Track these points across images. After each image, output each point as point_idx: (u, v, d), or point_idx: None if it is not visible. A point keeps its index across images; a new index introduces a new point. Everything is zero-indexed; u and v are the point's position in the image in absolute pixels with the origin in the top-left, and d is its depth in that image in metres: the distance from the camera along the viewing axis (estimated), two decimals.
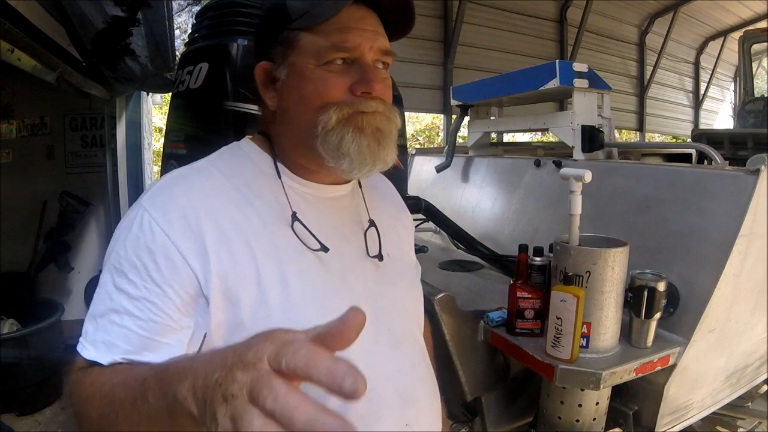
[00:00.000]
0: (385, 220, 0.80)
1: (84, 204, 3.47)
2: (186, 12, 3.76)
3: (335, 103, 0.65)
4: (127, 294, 0.59)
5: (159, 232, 0.60)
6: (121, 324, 0.58)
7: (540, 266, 1.25)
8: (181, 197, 0.63)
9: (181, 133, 1.50)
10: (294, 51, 0.66)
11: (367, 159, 0.66)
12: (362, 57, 0.66)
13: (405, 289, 0.80)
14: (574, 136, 1.71)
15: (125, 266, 0.60)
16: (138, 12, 2.17)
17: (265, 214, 0.66)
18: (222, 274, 0.60)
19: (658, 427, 1.25)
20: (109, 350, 0.57)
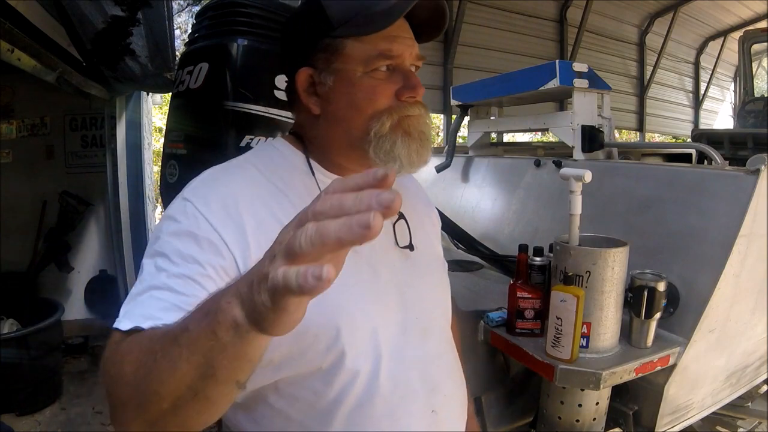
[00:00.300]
0: (414, 214, 0.83)
1: (84, 204, 3.48)
2: (186, 12, 3.77)
3: (385, 110, 0.69)
4: (168, 272, 0.59)
5: (202, 219, 0.63)
6: (160, 298, 0.57)
7: (540, 266, 1.25)
8: (222, 188, 0.67)
9: (181, 133, 1.50)
10: (339, 58, 0.68)
11: (415, 161, 0.71)
12: (403, 63, 0.70)
13: (433, 281, 0.83)
14: (574, 136, 1.71)
15: (168, 250, 0.61)
16: (138, 12, 2.17)
17: (300, 204, 0.65)
18: None
19: (658, 427, 1.25)
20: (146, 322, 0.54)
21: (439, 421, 0.73)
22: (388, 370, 0.69)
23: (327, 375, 0.66)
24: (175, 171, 1.49)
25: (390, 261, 0.75)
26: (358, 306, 0.68)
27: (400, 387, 0.69)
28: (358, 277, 0.70)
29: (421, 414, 0.71)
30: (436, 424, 0.73)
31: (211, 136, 1.41)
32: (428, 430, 0.71)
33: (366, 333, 0.68)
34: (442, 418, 0.74)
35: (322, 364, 0.65)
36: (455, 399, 0.79)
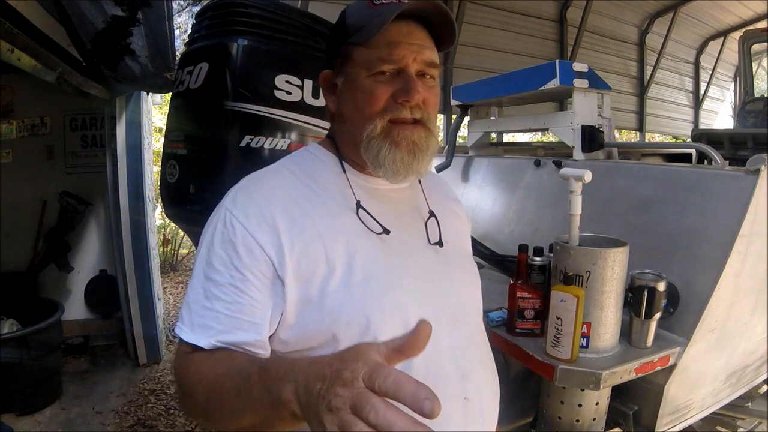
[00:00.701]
0: (443, 211, 0.86)
1: (84, 204, 3.48)
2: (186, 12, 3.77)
3: (380, 112, 0.73)
4: (215, 282, 0.69)
5: (239, 226, 0.70)
6: (211, 308, 0.68)
7: (540, 266, 1.25)
8: (258, 195, 0.74)
9: (181, 133, 1.50)
10: (350, 63, 0.76)
11: (401, 171, 0.75)
12: (407, 68, 0.74)
13: (464, 275, 0.86)
14: (574, 136, 1.71)
15: (213, 258, 0.70)
16: (138, 12, 2.17)
17: (332, 204, 0.76)
18: (295, 258, 0.69)
19: (658, 427, 1.25)
20: (204, 332, 0.67)
21: (471, 408, 0.75)
22: (419, 358, 0.69)
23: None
24: (175, 171, 1.49)
25: (421, 256, 0.79)
26: (388, 296, 0.72)
27: (431, 374, 0.71)
28: (389, 269, 0.74)
29: (453, 400, 0.73)
30: (469, 411, 0.75)
31: (211, 136, 1.41)
32: (461, 417, 0.74)
33: (397, 322, 0.71)
34: (474, 405, 0.76)
35: None
36: (487, 387, 0.81)
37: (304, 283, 0.69)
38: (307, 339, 0.70)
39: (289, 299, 0.69)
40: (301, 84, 1.43)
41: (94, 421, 2.65)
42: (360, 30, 0.74)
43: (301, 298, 0.69)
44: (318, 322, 0.69)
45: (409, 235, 0.80)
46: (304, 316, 0.69)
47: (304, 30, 1.47)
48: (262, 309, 0.69)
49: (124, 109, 3.20)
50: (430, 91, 0.77)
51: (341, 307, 0.69)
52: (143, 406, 2.83)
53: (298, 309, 0.69)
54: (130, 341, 3.37)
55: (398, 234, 0.77)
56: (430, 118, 0.77)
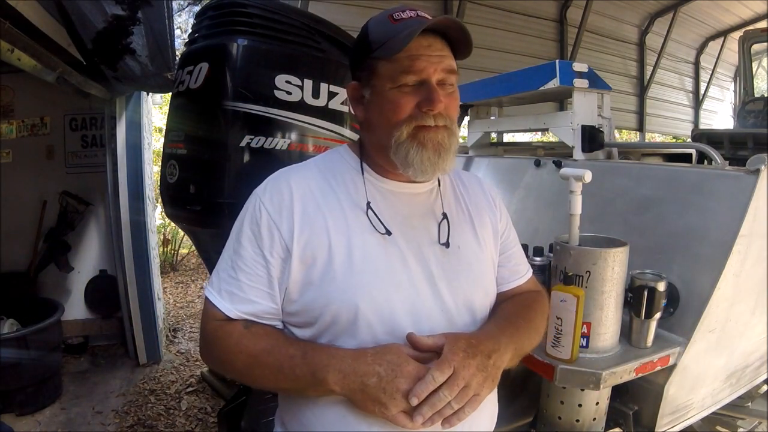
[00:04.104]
0: (463, 215, 0.93)
1: (84, 204, 3.47)
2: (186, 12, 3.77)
3: (405, 120, 0.80)
4: (241, 256, 0.82)
5: (264, 211, 0.82)
6: (236, 278, 0.82)
7: (540, 266, 1.25)
8: (282, 185, 0.85)
9: (181, 133, 1.50)
10: (375, 76, 0.82)
11: (428, 169, 0.81)
12: (429, 79, 0.80)
13: (470, 278, 0.87)
14: (574, 136, 1.71)
15: (242, 237, 0.83)
16: (138, 11, 2.17)
17: (344, 199, 0.85)
18: (302, 242, 0.80)
19: (658, 427, 1.25)
20: (230, 298, 0.82)
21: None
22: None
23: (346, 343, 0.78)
24: (175, 171, 1.49)
25: (426, 255, 0.84)
26: (379, 289, 0.79)
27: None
28: (386, 266, 0.81)
29: None
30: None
31: (211, 136, 1.41)
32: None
33: (385, 314, 0.78)
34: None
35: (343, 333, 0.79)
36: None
37: (306, 267, 0.80)
38: (306, 314, 0.81)
39: (293, 278, 0.80)
40: (301, 84, 1.44)
41: (94, 421, 2.65)
42: (383, 45, 0.80)
43: (302, 279, 0.80)
44: (315, 301, 0.80)
45: (414, 235, 0.85)
46: (305, 296, 0.80)
47: (304, 30, 1.47)
48: (276, 282, 0.81)
49: (124, 109, 3.19)
50: (451, 97, 0.82)
51: (335, 292, 0.79)
52: (143, 406, 2.82)
53: (301, 288, 0.81)
54: (130, 341, 3.37)
55: (403, 233, 0.84)
56: (452, 122, 0.83)
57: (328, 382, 0.73)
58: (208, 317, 0.84)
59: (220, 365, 0.86)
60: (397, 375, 0.71)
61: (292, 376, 0.75)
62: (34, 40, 1.83)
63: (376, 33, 0.83)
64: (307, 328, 0.82)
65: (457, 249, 0.87)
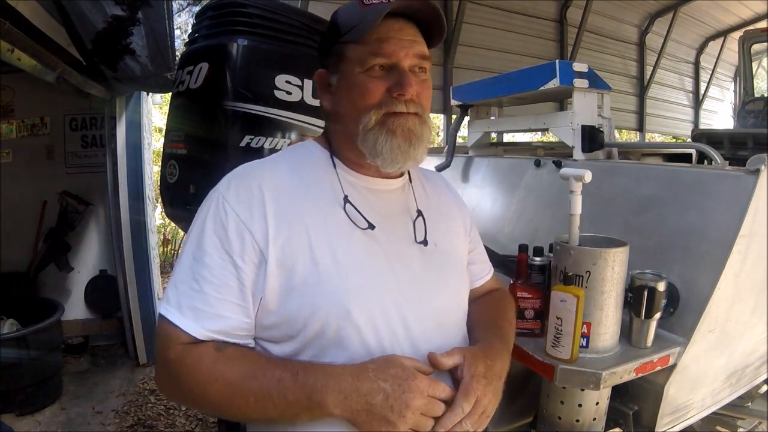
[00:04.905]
0: (435, 212, 0.88)
1: (84, 204, 3.47)
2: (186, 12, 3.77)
3: (374, 105, 0.75)
4: (204, 264, 0.71)
5: (231, 211, 0.73)
6: (200, 290, 0.70)
7: (540, 266, 1.25)
8: (251, 183, 0.76)
9: (181, 133, 1.50)
10: (343, 61, 0.78)
11: (399, 158, 0.76)
12: (399, 63, 0.76)
13: (449, 277, 0.86)
14: (574, 136, 1.70)
15: (204, 241, 0.72)
16: (138, 11, 2.17)
17: (320, 197, 0.78)
18: (279, 245, 0.72)
19: (658, 427, 1.25)
20: (194, 315, 0.70)
21: None
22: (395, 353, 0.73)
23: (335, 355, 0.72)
24: (175, 171, 1.49)
25: (406, 255, 0.80)
26: (369, 291, 0.74)
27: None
28: (372, 265, 0.76)
29: None
30: None
31: (211, 136, 1.41)
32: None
33: (377, 317, 0.73)
34: None
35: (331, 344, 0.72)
36: None
37: (286, 272, 0.71)
38: (288, 326, 0.72)
39: (270, 286, 0.71)
40: (301, 84, 1.44)
41: (94, 421, 2.65)
42: (352, 29, 0.76)
43: (282, 286, 0.71)
44: (298, 310, 0.71)
45: (395, 233, 0.81)
46: (286, 304, 0.72)
47: (304, 30, 1.47)
48: (250, 292, 0.72)
49: (124, 109, 3.20)
50: (423, 84, 0.78)
51: (322, 297, 0.71)
52: (143, 406, 2.82)
53: (280, 296, 0.72)
54: (130, 341, 3.37)
55: (384, 231, 0.79)
56: (424, 110, 0.78)
57: (327, 404, 0.65)
58: (169, 341, 0.70)
59: (190, 398, 0.72)
60: (405, 390, 0.65)
61: (282, 402, 0.66)
62: (34, 40, 1.83)
63: (346, 17, 0.79)
64: (287, 342, 0.73)
65: (434, 247, 0.84)
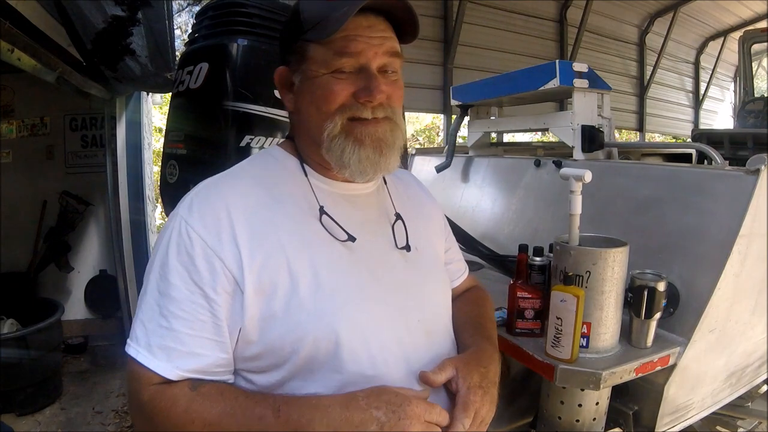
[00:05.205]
0: (412, 213, 0.84)
1: (84, 204, 3.48)
2: (186, 12, 3.76)
3: (338, 110, 0.69)
4: (171, 298, 0.64)
5: (196, 237, 0.66)
6: (170, 327, 0.64)
7: (540, 266, 1.25)
8: (215, 203, 0.69)
9: (181, 133, 1.50)
10: (306, 60, 0.71)
11: (368, 169, 0.71)
12: (368, 64, 0.70)
13: (434, 281, 0.83)
14: (574, 136, 1.70)
15: (169, 273, 0.65)
16: (138, 12, 2.17)
17: (294, 211, 0.72)
18: (255, 270, 0.65)
19: (658, 427, 1.25)
20: (166, 355, 0.63)
21: None
22: (388, 370, 0.69)
23: (328, 378, 0.67)
24: (175, 171, 1.49)
25: (390, 263, 0.76)
26: (357, 310, 0.69)
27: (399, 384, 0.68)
28: (357, 280, 0.71)
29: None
30: None
31: (211, 136, 1.41)
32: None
33: (368, 336, 0.68)
34: None
35: (323, 368, 0.67)
36: None
37: (265, 298, 0.65)
38: (273, 356, 0.66)
39: (249, 315, 0.65)
40: None
41: (94, 421, 2.65)
42: (316, 26, 0.69)
43: (263, 313, 0.65)
44: (283, 338, 0.65)
45: (375, 242, 0.76)
46: (268, 333, 0.65)
47: None
48: (226, 326, 0.65)
49: (124, 109, 3.20)
50: (394, 85, 0.72)
51: (308, 322, 0.65)
52: None
53: (261, 325, 0.65)
54: None
55: (365, 241, 0.73)
56: (395, 113, 0.73)
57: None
58: (141, 383, 0.64)
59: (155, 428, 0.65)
60: (401, 417, 0.61)
61: None
62: (34, 40, 1.83)
63: (309, 11, 0.71)
64: (273, 371, 0.67)
65: (416, 251, 0.80)
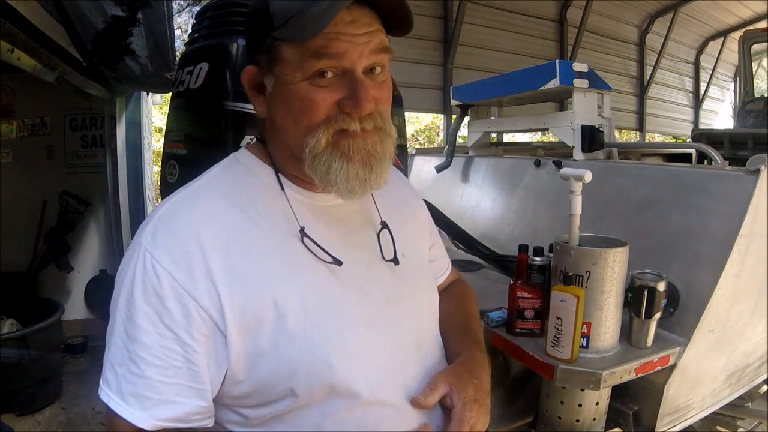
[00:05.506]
0: (398, 218, 0.78)
1: (84, 204, 3.48)
2: (186, 12, 3.77)
3: (322, 123, 0.61)
4: (141, 343, 0.57)
5: (164, 275, 0.58)
6: (142, 375, 0.57)
7: (540, 266, 1.25)
8: (183, 231, 0.60)
9: (181, 133, 1.50)
10: (279, 62, 0.62)
11: (356, 188, 0.63)
12: (353, 67, 0.60)
13: (421, 289, 0.79)
14: (574, 136, 1.70)
15: (135, 314, 0.58)
16: (138, 12, 2.17)
17: (273, 232, 0.64)
18: (237, 308, 0.59)
19: (658, 427, 1.25)
20: (140, 403, 0.57)
21: None
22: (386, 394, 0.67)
23: (324, 408, 0.63)
24: (175, 171, 1.49)
25: (377, 276, 0.71)
26: (348, 336, 0.65)
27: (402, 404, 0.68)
28: (346, 303, 0.66)
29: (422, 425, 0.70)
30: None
31: (211, 136, 1.41)
32: None
33: (361, 361, 0.65)
34: None
35: (318, 398, 0.63)
36: None
37: (251, 335, 0.59)
38: (261, 394, 0.61)
39: (234, 355, 0.59)
40: None
41: (94, 421, 2.65)
42: (287, 22, 0.59)
43: (249, 352, 0.60)
44: (274, 374, 0.60)
45: (361, 256, 0.70)
46: (257, 370, 0.60)
47: None
48: (204, 371, 0.59)
49: (124, 109, 3.20)
50: (382, 86, 0.63)
51: (299, 357, 0.60)
52: None
53: (249, 363, 0.60)
54: None
55: (350, 256, 0.67)
56: (384, 119, 0.64)
57: None
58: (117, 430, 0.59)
59: None
60: None
61: None
62: (34, 40, 1.83)
63: (279, 3, 0.60)
64: (265, 406, 0.63)
65: (402, 258, 0.74)
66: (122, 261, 0.62)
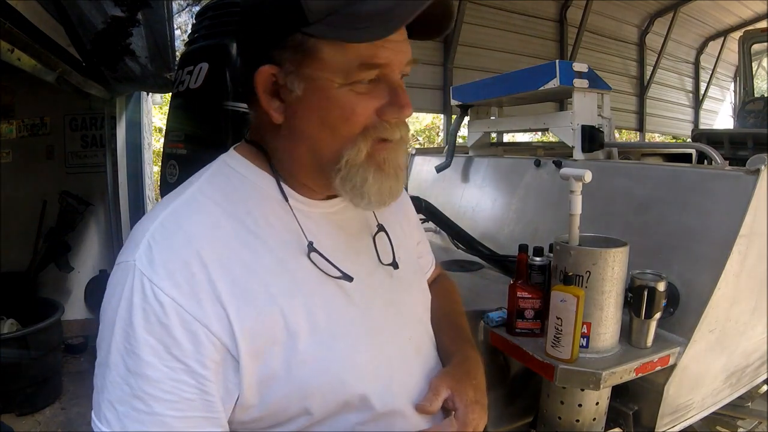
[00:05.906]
0: (392, 219, 0.77)
1: (84, 204, 3.48)
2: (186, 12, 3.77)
3: (362, 133, 0.58)
4: (146, 378, 0.52)
5: (168, 302, 0.52)
6: (150, 412, 0.52)
7: (540, 266, 1.25)
8: (181, 248, 0.55)
9: (181, 133, 1.51)
10: (313, 62, 0.56)
11: (386, 199, 0.62)
12: (391, 74, 0.58)
13: (416, 291, 0.79)
14: (574, 136, 1.70)
15: (137, 347, 0.52)
16: (138, 12, 2.17)
17: (278, 247, 0.60)
18: (247, 332, 0.55)
19: (658, 427, 1.25)
20: None
21: None
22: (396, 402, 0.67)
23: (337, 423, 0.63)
24: (175, 171, 1.49)
25: (378, 282, 0.70)
26: (359, 351, 0.63)
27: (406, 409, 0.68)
28: (354, 318, 0.64)
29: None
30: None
31: (211, 136, 1.41)
32: None
33: (371, 374, 0.64)
34: None
35: (331, 414, 0.62)
36: None
37: (263, 359, 0.56)
38: (273, 417, 0.59)
39: (247, 382, 0.56)
40: None
41: None
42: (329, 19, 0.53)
43: (261, 377, 0.57)
44: (288, 397, 0.58)
45: (361, 262, 0.68)
46: (270, 395, 0.57)
47: None
48: (218, 399, 0.55)
49: (124, 109, 3.20)
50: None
51: (312, 377, 0.58)
52: None
53: (261, 388, 0.57)
54: None
55: (352, 267, 0.64)
56: (408, 131, 0.64)
57: None
58: None
59: None
60: None
61: None
62: (34, 40, 1.83)
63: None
64: (278, 427, 0.60)
65: (401, 265, 0.73)
66: (108, 287, 0.56)
